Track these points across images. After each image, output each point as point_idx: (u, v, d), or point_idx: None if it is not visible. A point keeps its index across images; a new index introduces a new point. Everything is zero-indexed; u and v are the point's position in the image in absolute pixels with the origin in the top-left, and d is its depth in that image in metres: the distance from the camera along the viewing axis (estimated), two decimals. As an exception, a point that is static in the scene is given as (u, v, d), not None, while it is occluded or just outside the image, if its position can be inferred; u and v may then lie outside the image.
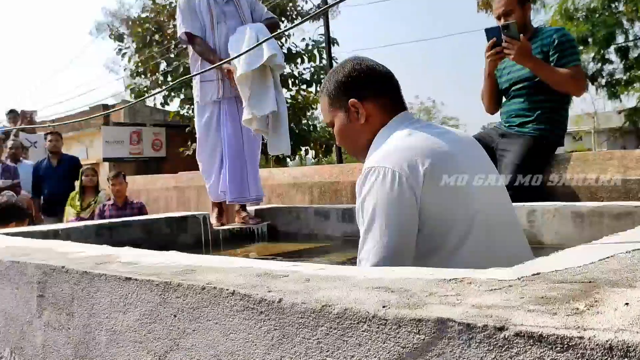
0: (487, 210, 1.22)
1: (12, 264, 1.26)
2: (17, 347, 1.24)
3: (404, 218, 1.16)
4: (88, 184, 4.91)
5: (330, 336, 0.70)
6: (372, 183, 1.18)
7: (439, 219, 1.18)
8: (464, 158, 1.26)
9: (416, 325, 0.62)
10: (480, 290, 0.70)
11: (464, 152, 1.28)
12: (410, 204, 1.16)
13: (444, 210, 1.18)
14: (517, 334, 0.55)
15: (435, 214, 1.17)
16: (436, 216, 1.18)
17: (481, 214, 1.19)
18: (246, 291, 0.80)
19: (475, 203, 1.20)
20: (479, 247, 1.17)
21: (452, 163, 1.21)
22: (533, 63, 2.52)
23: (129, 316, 0.97)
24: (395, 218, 1.16)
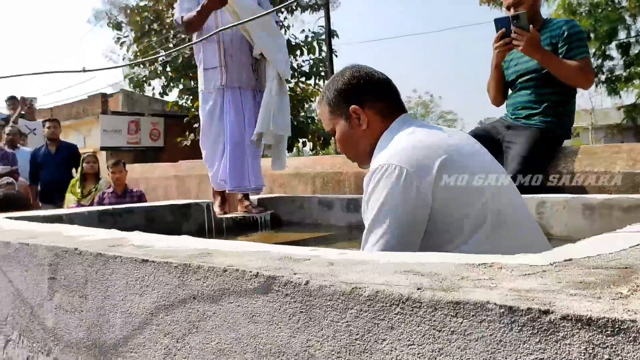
0: (499, 206, 1.20)
1: (21, 246, 1.24)
2: (26, 330, 1.22)
3: (409, 216, 1.15)
4: (89, 171, 4.89)
5: (360, 319, 0.69)
6: (379, 180, 1.18)
7: (450, 215, 1.17)
8: (472, 153, 1.26)
9: (453, 308, 0.61)
10: (514, 275, 0.68)
11: (471, 148, 1.29)
12: (418, 201, 1.15)
13: (456, 206, 1.17)
14: (564, 317, 0.53)
15: (446, 209, 1.16)
16: (447, 212, 1.17)
17: (492, 210, 1.18)
18: (270, 273, 0.79)
19: (486, 199, 1.18)
20: (487, 243, 1.15)
21: (463, 158, 1.21)
22: (541, 55, 2.49)
23: (146, 298, 0.95)
24: (401, 216, 1.15)
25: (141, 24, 14.44)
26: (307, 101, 14.20)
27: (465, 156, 1.23)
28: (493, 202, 1.19)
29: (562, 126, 2.61)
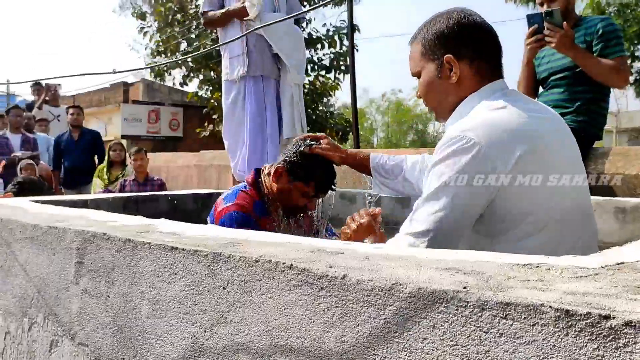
0: (564, 209, 1.14)
1: (49, 229, 1.23)
2: (51, 313, 1.22)
3: (472, 199, 1.09)
4: (116, 158, 4.97)
5: (399, 316, 0.66)
6: (454, 151, 1.09)
7: (512, 208, 1.11)
8: (559, 147, 1.17)
9: (503, 309, 0.58)
10: (565, 277, 0.65)
11: (559, 140, 1.19)
12: (485, 184, 1.08)
13: (520, 202, 1.10)
14: (627, 323, 0.50)
15: (510, 202, 1.10)
16: (510, 204, 1.10)
17: (556, 214, 1.12)
18: (305, 265, 0.76)
19: (554, 202, 1.12)
20: (549, 243, 1.11)
21: (546, 151, 1.12)
22: (575, 52, 2.42)
23: (174, 286, 0.94)
24: (464, 195, 1.08)
25: (165, 14, 14.49)
26: (327, 95, 14.14)
27: (549, 149, 1.13)
28: (561, 204, 1.13)
29: (595, 126, 2.54)
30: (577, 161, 1.23)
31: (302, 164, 1.82)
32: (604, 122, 2.64)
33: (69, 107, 5.98)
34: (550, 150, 1.14)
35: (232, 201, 1.85)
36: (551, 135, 1.17)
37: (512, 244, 1.10)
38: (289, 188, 1.85)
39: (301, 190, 1.84)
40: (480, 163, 1.07)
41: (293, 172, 1.83)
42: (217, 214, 1.85)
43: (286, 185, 1.85)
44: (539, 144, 1.11)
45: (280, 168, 1.85)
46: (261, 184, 1.93)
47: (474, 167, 1.07)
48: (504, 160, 1.07)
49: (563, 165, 1.16)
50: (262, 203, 1.90)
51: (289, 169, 1.83)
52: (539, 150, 1.11)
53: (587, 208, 1.23)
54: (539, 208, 1.11)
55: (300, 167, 1.82)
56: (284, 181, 1.85)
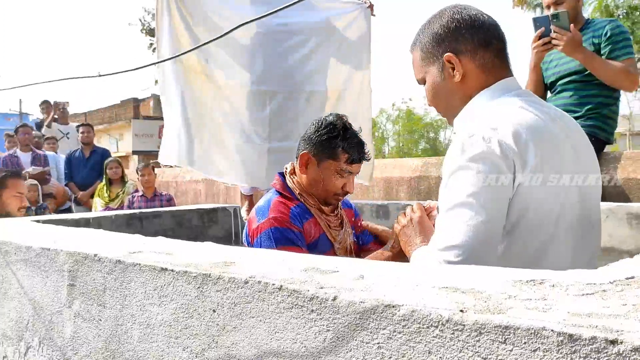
0: (575, 211, 1.09)
1: (42, 250, 1.20)
2: (46, 337, 1.19)
3: (500, 200, 1.03)
4: (114, 176, 4.96)
5: (393, 341, 0.62)
6: (474, 153, 1.02)
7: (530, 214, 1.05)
8: (571, 149, 1.11)
9: (502, 334, 0.53)
10: (570, 295, 0.60)
11: (572, 142, 1.13)
12: (507, 184, 1.02)
13: (539, 205, 1.04)
14: (636, 348, 0.46)
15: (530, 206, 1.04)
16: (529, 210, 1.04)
17: (568, 215, 1.07)
18: (295, 287, 0.72)
19: (565, 204, 1.07)
20: (564, 251, 1.06)
21: (560, 155, 1.07)
22: (583, 55, 2.37)
23: (164, 309, 0.90)
24: (493, 199, 1.02)
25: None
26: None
27: (565, 152, 1.08)
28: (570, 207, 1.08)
29: (604, 130, 2.48)
30: (592, 167, 1.18)
31: (323, 139, 1.68)
32: (615, 125, 2.58)
33: (79, 125, 6.02)
34: (565, 153, 1.09)
35: (266, 215, 1.65)
36: (568, 138, 1.12)
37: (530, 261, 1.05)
38: (320, 173, 1.70)
39: (334, 169, 1.68)
40: (501, 164, 1.01)
41: (318, 153, 1.69)
42: (252, 232, 1.66)
43: (316, 170, 1.70)
44: (556, 146, 1.07)
45: (304, 154, 1.71)
46: (291, 186, 1.75)
47: (496, 168, 1.01)
48: (523, 160, 1.01)
49: (577, 169, 1.11)
50: (299, 207, 1.71)
51: (313, 152, 1.70)
52: (555, 153, 1.06)
53: (594, 214, 1.18)
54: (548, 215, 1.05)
55: (322, 144, 1.68)
56: (313, 167, 1.71)
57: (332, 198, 1.74)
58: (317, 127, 1.72)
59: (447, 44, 1.17)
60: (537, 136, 1.04)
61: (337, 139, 1.67)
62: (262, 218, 1.65)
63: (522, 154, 1.02)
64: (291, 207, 1.69)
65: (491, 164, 1.01)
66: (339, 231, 1.78)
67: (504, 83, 1.17)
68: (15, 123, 16.91)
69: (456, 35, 1.17)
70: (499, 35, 1.19)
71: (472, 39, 1.16)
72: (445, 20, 1.18)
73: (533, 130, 1.04)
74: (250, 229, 1.67)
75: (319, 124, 1.72)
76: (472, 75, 1.17)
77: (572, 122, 1.21)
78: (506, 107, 1.11)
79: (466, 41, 1.16)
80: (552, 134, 1.08)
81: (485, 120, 1.08)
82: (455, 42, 1.17)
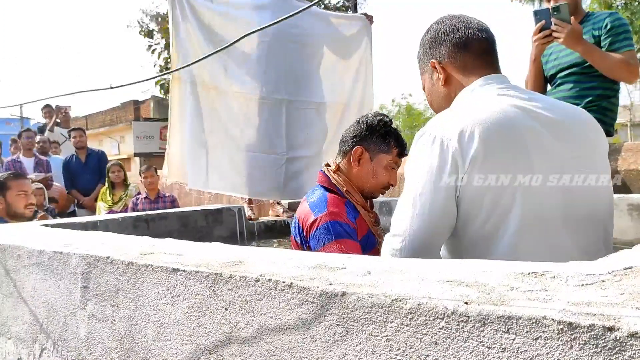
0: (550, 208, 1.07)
1: (55, 254, 1.23)
2: (60, 339, 1.21)
3: (446, 196, 1.07)
4: (116, 179, 4.97)
5: (401, 333, 0.64)
6: (419, 148, 1.11)
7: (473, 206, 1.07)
8: (547, 140, 1.08)
9: (505, 324, 0.56)
10: (570, 286, 0.63)
11: (552, 133, 1.10)
12: (451, 181, 1.05)
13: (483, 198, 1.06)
14: (632, 334, 0.48)
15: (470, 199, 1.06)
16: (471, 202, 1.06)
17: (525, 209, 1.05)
18: (304, 284, 0.75)
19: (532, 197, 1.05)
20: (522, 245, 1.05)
21: (523, 148, 1.05)
22: (583, 47, 2.38)
23: (177, 308, 0.93)
24: (436, 194, 1.07)
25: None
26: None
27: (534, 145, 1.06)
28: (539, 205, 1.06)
29: (604, 122, 2.50)
30: (578, 160, 1.12)
31: (377, 135, 1.77)
32: (615, 117, 2.60)
33: (69, 130, 5.99)
34: (536, 146, 1.07)
35: (323, 210, 1.67)
36: (546, 134, 1.09)
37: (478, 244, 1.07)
38: (373, 167, 1.77)
39: (386, 162, 1.78)
40: (445, 162, 1.05)
41: (372, 148, 1.78)
42: (309, 226, 1.67)
43: (370, 164, 1.77)
44: (514, 142, 1.06)
45: (358, 149, 1.77)
46: (337, 184, 1.78)
47: (440, 165, 1.06)
48: (463, 157, 1.04)
49: (552, 163, 1.08)
50: (348, 204, 1.75)
51: (366, 146, 1.77)
52: (511, 148, 1.05)
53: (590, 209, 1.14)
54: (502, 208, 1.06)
55: (376, 139, 1.77)
56: (366, 161, 1.77)
57: (379, 191, 1.83)
58: (368, 123, 1.79)
59: (432, 52, 1.28)
60: (486, 134, 1.04)
61: (389, 134, 1.78)
62: (319, 212, 1.67)
63: (465, 152, 1.04)
64: (344, 202, 1.74)
65: (436, 161, 1.06)
66: (378, 227, 1.84)
67: (483, 80, 1.20)
68: (16, 127, 16.91)
69: (438, 43, 1.26)
70: (481, 36, 1.23)
71: (450, 44, 1.24)
72: (430, 32, 1.29)
73: (484, 128, 1.04)
74: (306, 223, 1.69)
75: (369, 120, 1.80)
76: (454, 76, 1.25)
77: (563, 115, 1.15)
78: (474, 104, 1.13)
79: (446, 46, 1.25)
80: (512, 130, 1.06)
81: (442, 118, 1.13)
82: (437, 48, 1.27)
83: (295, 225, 1.77)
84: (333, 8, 15.00)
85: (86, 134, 5.75)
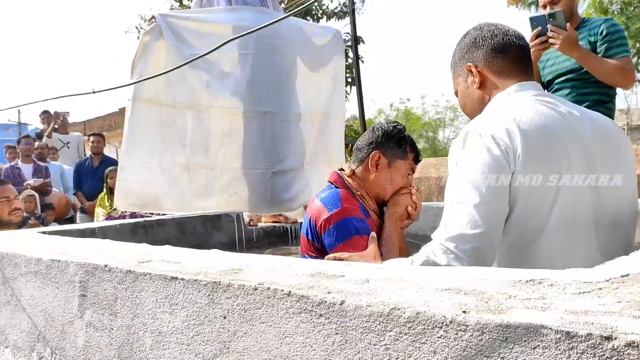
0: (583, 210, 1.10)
1: (52, 262, 1.23)
2: (57, 348, 1.21)
3: (498, 192, 1.07)
4: (114, 186, 4.95)
5: (400, 342, 0.64)
6: (468, 148, 1.10)
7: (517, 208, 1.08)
8: (581, 150, 1.12)
9: (503, 332, 0.56)
10: (567, 294, 0.63)
11: (587, 142, 1.14)
12: (505, 176, 1.06)
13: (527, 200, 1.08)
14: (629, 344, 0.48)
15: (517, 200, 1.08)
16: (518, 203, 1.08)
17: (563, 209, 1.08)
18: (303, 292, 0.75)
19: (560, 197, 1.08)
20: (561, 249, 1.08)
21: (554, 155, 1.08)
22: (579, 53, 2.40)
23: (175, 317, 0.93)
24: (490, 190, 1.06)
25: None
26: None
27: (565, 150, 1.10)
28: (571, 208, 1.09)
29: (601, 128, 2.51)
30: (618, 167, 1.17)
31: (393, 141, 1.79)
32: (611, 123, 2.60)
33: (90, 135, 6.00)
34: (573, 149, 1.10)
35: (338, 206, 1.65)
36: (578, 138, 1.13)
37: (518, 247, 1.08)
38: (390, 173, 1.78)
39: (403, 168, 1.80)
40: (495, 158, 1.06)
41: (390, 154, 1.79)
42: (323, 222, 1.65)
43: (387, 170, 1.78)
44: (552, 145, 1.09)
45: (375, 154, 1.78)
46: (351, 187, 1.79)
47: (491, 162, 1.06)
48: (512, 153, 1.06)
49: (586, 166, 1.12)
50: (360, 205, 1.75)
51: (383, 152, 1.79)
52: (549, 152, 1.08)
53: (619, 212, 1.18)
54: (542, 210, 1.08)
55: (393, 146, 1.79)
56: (384, 167, 1.79)
57: (386, 199, 1.82)
58: (383, 130, 1.81)
59: (469, 56, 1.31)
60: (529, 134, 1.07)
61: (404, 140, 1.81)
62: (333, 208, 1.65)
63: (513, 149, 1.06)
64: (357, 202, 1.74)
65: (487, 158, 1.07)
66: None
67: (518, 86, 1.24)
68: (14, 133, 16.87)
69: (475, 47, 1.29)
70: (519, 43, 1.28)
71: (488, 49, 1.27)
72: (468, 37, 1.33)
73: (526, 128, 1.08)
74: (319, 220, 1.66)
75: (384, 127, 1.82)
76: (489, 80, 1.28)
77: (592, 122, 1.20)
78: (512, 106, 1.17)
79: (483, 51, 1.28)
80: (551, 133, 1.10)
81: (485, 118, 1.16)
82: (474, 53, 1.30)
83: (306, 223, 1.75)
84: (331, 14, 15.05)
85: (104, 141, 5.76)
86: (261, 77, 3.12)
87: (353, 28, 13.67)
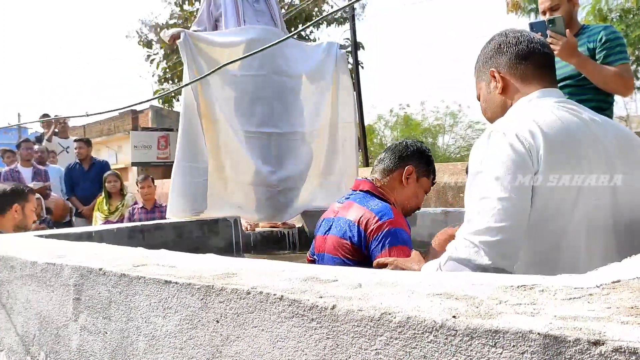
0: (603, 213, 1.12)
1: (47, 265, 1.23)
2: (52, 351, 1.21)
3: (522, 191, 1.07)
4: (112, 189, 4.95)
5: (390, 347, 0.64)
6: (492, 147, 1.11)
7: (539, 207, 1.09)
8: (601, 153, 1.14)
9: (492, 337, 0.56)
10: (558, 299, 0.63)
11: (607, 147, 1.16)
12: (528, 176, 1.07)
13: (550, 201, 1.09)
14: (617, 349, 0.48)
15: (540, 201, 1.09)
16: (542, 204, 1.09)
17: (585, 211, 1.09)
18: (295, 296, 0.75)
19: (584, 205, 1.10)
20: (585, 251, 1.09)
21: (574, 159, 1.11)
22: (578, 59, 2.40)
23: (169, 321, 0.93)
24: (514, 187, 1.07)
25: (170, 41, 14.70)
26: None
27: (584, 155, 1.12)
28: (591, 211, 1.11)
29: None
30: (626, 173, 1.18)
31: (424, 160, 1.89)
32: (609, 129, 2.60)
33: (75, 140, 6.02)
34: (586, 157, 1.12)
35: (390, 216, 1.74)
36: (595, 143, 1.15)
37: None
38: (416, 188, 1.88)
39: (425, 186, 1.91)
40: (519, 156, 1.08)
41: (420, 170, 1.89)
42: (375, 227, 1.71)
43: (415, 185, 1.88)
44: (573, 150, 1.11)
45: (410, 168, 1.87)
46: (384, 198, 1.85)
47: (516, 159, 1.07)
48: (535, 153, 1.08)
49: (606, 168, 1.13)
50: (407, 220, 1.84)
51: (416, 167, 1.87)
52: (569, 155, 1.10)
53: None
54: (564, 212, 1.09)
55: (423, 164, 1.89)
56: (413, 181, 1.88)
57: (412, 212, 1.96)
58: (416, 147, 1.91)
59: (492, 61, 1.33)
60: (551, 136, 1.10)
61: (432, 161, 1.93)
62: (386, 217, 1.73)
63: (536, 149, 1.09)
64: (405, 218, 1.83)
65: (512, 154, 1.08)
66: None
67: (541, 92, 1.26)
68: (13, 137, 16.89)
69: (500, 53, 1.31)
70: (543, 51, 1.30)
71: (512, 55, 1.29)
72: (492, 42, 1.34)
73: (548, 130, 1.10)
74: (369, 224, 1.72)
75: (416, 145, 1.92)
76: (512, 84, 1.30)
77: (614, 129, 1.23)
78: (534, 110, 1.19)
79: (507, 57, 1.30)
80: (572, 137, 1.12)
81: (508, 119, 1.19)
82: (498, 58, 1.32)
83: (346, 227, 1.79)
84: (331, 19, 15.10)
85: (89, 145, 5.75)
86: (265, 98, 3.17)
87: (353, 34, 13.74)
